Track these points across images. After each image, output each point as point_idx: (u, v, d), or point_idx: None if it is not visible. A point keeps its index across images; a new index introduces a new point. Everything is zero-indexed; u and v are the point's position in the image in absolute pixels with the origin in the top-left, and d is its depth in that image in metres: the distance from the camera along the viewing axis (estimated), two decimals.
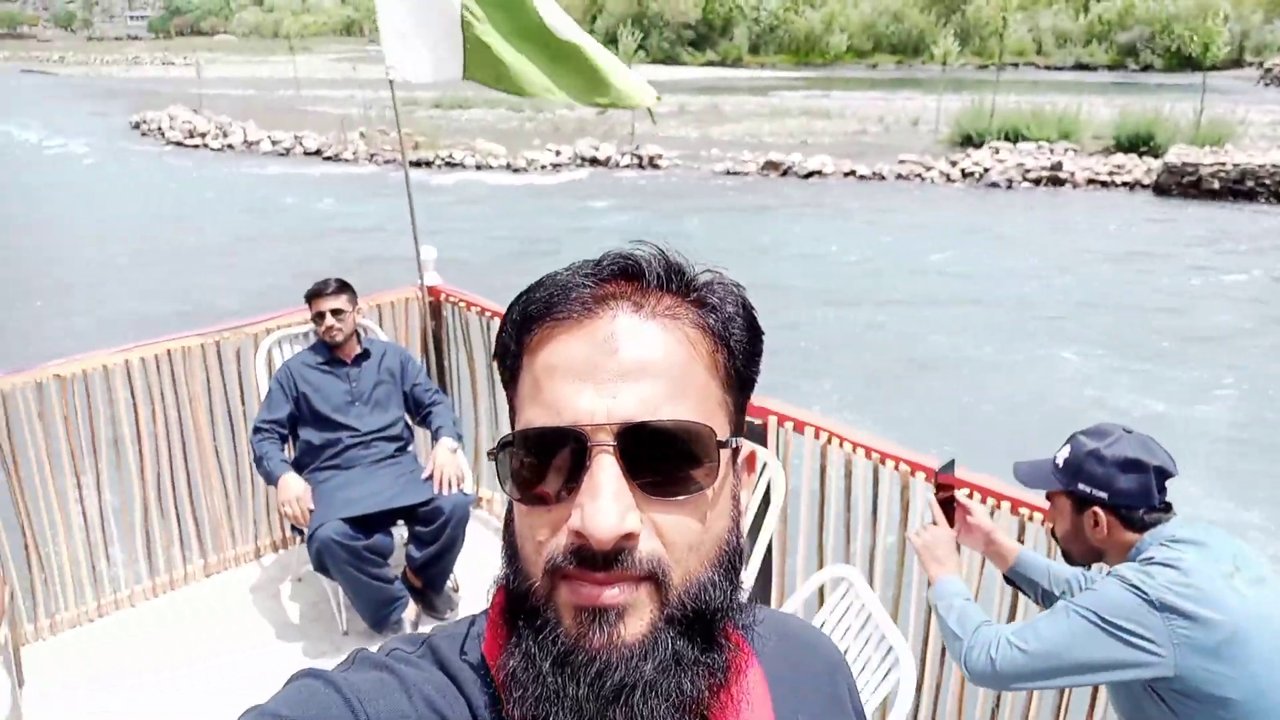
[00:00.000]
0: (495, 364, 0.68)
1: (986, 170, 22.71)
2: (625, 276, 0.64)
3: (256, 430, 3.53)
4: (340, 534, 3.18)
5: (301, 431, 3.59)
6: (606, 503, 0.56)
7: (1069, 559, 2.00)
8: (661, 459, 0.59)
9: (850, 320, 12.30)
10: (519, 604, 0.61)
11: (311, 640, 3.50)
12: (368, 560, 3.25)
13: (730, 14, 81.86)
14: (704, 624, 0.60)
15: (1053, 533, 2.03)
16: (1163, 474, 1.85)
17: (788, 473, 2.85)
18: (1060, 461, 1.93)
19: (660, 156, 25.65)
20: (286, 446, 3.63)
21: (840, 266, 15.19)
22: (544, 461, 0.60)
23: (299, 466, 3.55)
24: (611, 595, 0.57)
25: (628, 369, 0.59)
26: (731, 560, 0.63)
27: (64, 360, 3.45)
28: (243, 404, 3.88)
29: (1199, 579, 1.69)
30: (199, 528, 3.86)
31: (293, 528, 3.57)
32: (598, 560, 0.57)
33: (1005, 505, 2.43)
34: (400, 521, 3.49)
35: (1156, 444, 1.89)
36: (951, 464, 2.33)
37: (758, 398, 3.02)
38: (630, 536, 0.57)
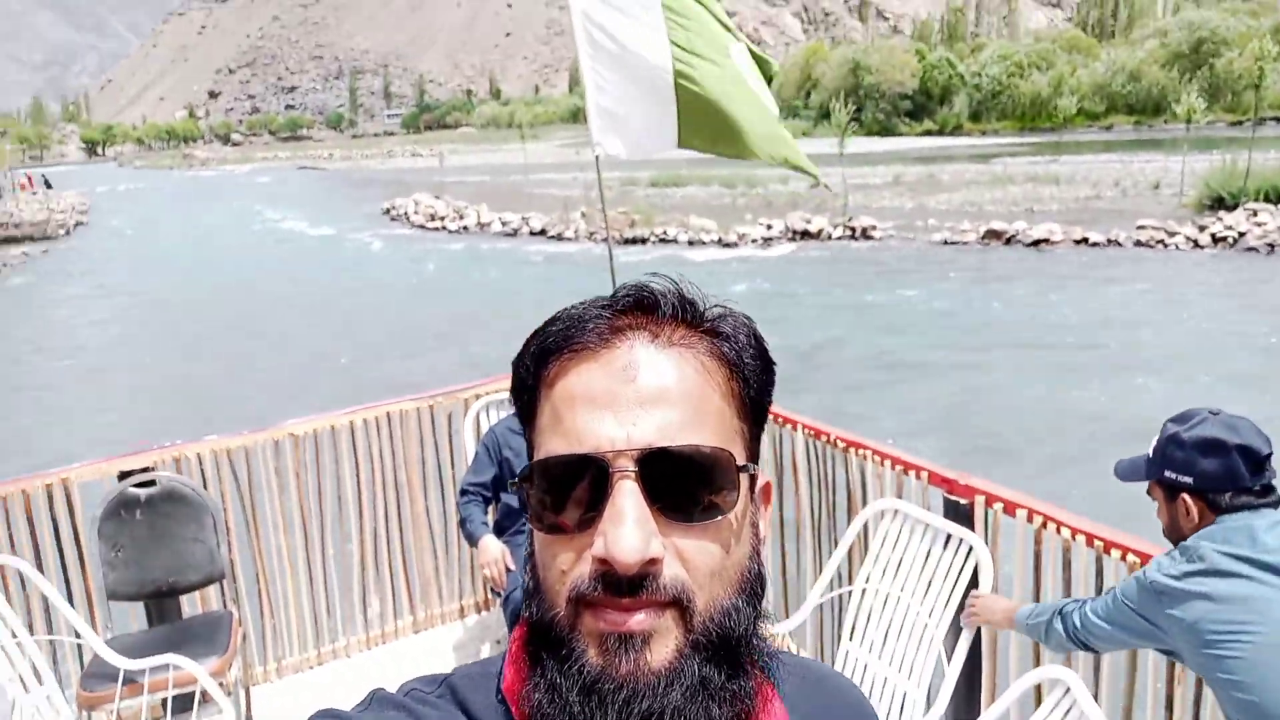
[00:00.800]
0: (511, 399, 0.69)
1: (1242, 234, 20.61)
2: (640, 308, 0.65)
3: (463, 493, 3.68)
4: None
5: (503, 495, 3.70)
6: (630, 528, 0.56)
7: None
8: (682, 484, 0.60)
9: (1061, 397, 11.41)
10: (542, 635, 0.61)
11: None
12: None
13: (949, 82, 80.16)
14: (729, 649, 0.60)
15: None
16: (1248, 454, 1.73)
17: (996, 559, 2.61)
18: (1151, 451, 1.88)
19: (874, 228, 25.22)
20: (490, 509, 3.76)
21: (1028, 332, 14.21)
22: (566, 490, 0.60)
23: (500, 529, 3.66)
24: (637, 621, 0.57)
25: (646, 397, 0.60)
26: (754, 586, 0.64)
27: (299, 420, 3.76)
28: (452, 466, 4.07)
29: (1208, 561, 1.69)
30: (410, 585, 4.05)
31: (491, 590, 3.66)
32: (622, 586, 0.57)
33: None
34: None
35: (1247, 423, 1.78)
36: None
37: (965, 477, 2.81)
38: (654, 562, 0.57)
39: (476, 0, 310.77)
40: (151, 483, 3.32)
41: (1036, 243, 22.36)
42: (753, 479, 0.65)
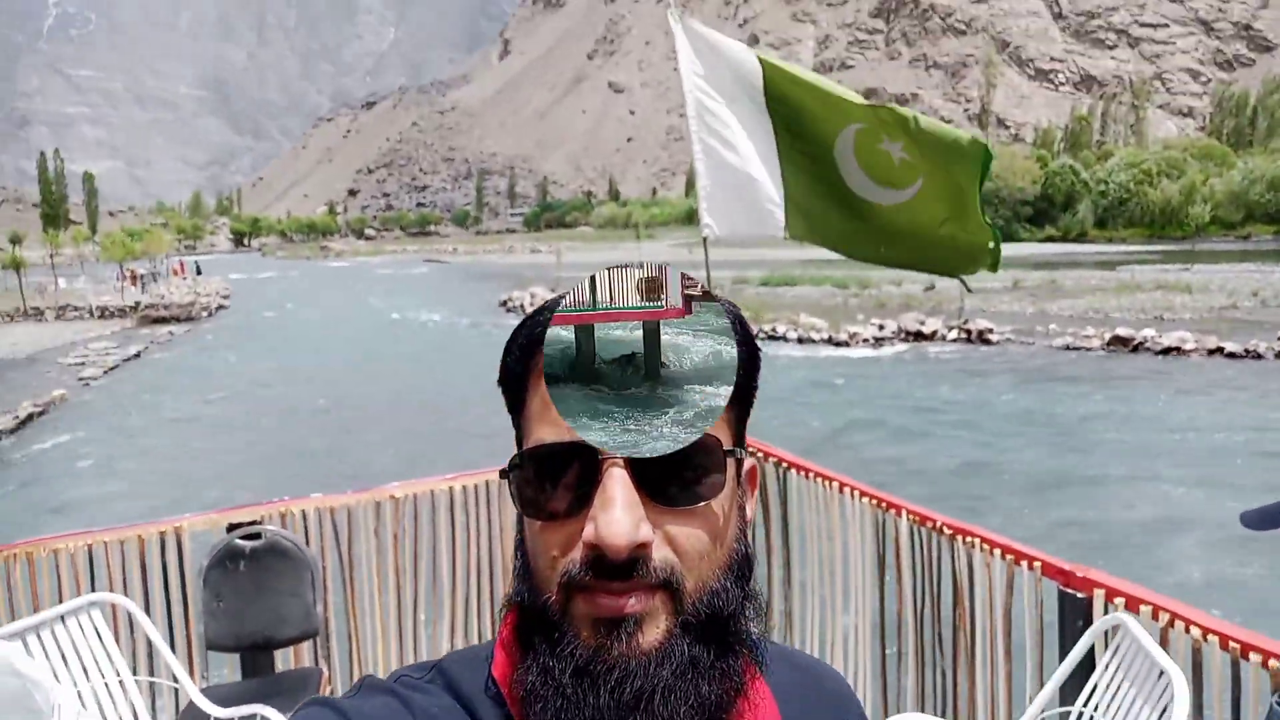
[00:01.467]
0: (500, 390, 0.69)
1: None
2: None
3: None
4: None
5: None
6: (620, 513, 0.58)
7: None
8: (670, 470, 0.61)
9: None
10: (534, 620, 0.62)
11: None
12: None
13: (1073, 188, 78.65)
14: (718, 629, 0.62)
15: None
16: None
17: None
18: None
19: (990, 331, 24.56)
20: None
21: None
22: (556, 477, 0.62)
23: None
24: (628, 605, 0.59)
25: None
26: (742, 567, 0.65)
27: (400, 484, 3.83)
28: None
29: None
30: None
31: None
32: (613, 571, 0.58)
33: None
34: None
35: None
36: None
37: (1081, 569, 2.62)
38: (644, 546, 0.59)
39: (601, 108, 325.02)
40: (258, 535, 3.41)
41: (1166, 350, 21.33)
42: (739, 463, 0.66)
